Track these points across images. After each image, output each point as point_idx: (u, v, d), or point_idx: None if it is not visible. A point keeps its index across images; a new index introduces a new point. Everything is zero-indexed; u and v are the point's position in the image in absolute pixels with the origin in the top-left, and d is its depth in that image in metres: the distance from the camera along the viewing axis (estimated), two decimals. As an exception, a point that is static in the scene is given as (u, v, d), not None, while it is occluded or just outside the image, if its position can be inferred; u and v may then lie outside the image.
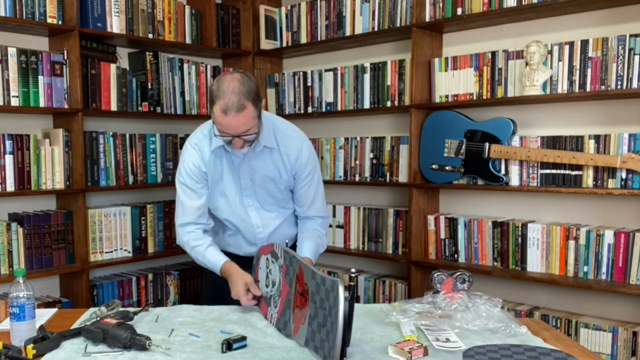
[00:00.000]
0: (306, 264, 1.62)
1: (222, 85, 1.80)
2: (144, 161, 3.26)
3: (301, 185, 2.09)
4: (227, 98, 1.78)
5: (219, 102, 1.79)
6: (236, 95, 1.78)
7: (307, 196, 2.12)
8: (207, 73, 3.51)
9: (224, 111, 1.78)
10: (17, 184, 2.78)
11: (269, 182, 2.05)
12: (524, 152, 2.70)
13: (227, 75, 1.84)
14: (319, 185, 2.15)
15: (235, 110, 1.78)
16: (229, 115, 1.78)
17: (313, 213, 2.16)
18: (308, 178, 2.09)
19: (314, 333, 1.51)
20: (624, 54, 2.44)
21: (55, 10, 2.84)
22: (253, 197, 2.06)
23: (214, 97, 1.81)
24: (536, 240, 2.71)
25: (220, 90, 1.79)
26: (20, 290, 1.58)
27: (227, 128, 1.82)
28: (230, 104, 1.77)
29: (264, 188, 2.06)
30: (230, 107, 1.78)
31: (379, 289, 3.24)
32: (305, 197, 2.12)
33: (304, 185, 2.09)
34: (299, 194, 2.11)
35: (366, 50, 3.45)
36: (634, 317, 2.55)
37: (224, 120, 1.80)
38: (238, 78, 1.82)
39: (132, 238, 3.23)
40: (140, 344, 1.52)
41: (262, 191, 2.06)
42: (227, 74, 1.86)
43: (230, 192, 2.04)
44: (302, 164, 2.05)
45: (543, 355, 1.48)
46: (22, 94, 2.75)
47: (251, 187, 2.04)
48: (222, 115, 1.79)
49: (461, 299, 1.81)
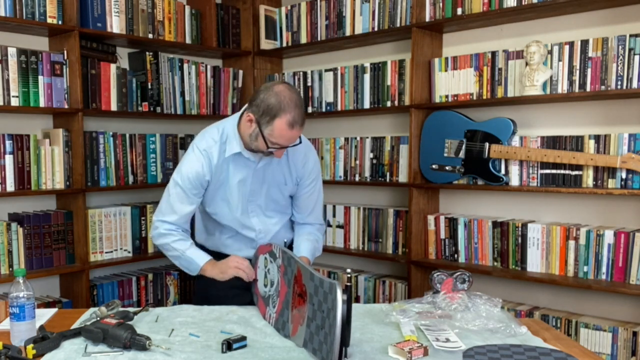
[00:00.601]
0: (305, 265, 1.62)
1: (283, 98, 1.77)
2: (144, 161, 3.26)
3: (304, 192, 2.09)
4: (294, 112, 1.77)
5: (285, 115, 1.76)
6: (300, 109, 1.79)
7: (308, 203, 2.12)
8: (207, 73, 3.51)
9: (290, 125, 1.77)
10: (17, 184, 2.78)
11: (275, 188, 2.04)
12: (524, 152, 2.70)
13: (280, 86, 1.81)
14: (320, 194, 2.15)
15: (300, 124, 1.79)
16: (294, 129, 1.78)
17: (312, 220, 2.16)
18: (311, 185, 2.09)
19: (312, 335, 1.51)
20: (624, 54, 2.44)
21: (55, 10, 2.84)
22: (256, 203, 2.05)
23: (275, 110, 1.77)
24: (536, 240, 2.71)
25: (284, 103, 1.77)
26: (20, 290, 1.58)
27: (288, 140, 1.81)
28: (298, 118, 1.77)
29: (269, 194, 2.05)
30: (297, 121, 1.77)
31: (379, 289, 3.24)
32: (306, 204, 2.12)
33: (307, 192, 2.09)
34: (301, 201, 2.11)
35: (366, 50, 3.45)
36: (634, 317, 2.55)
37: (288, 134, 1.79)
38: (294, 90, 1.82)
39: (132, 238, 3.23)
40: (140, 344, 1.52)
41: (267, 197, 2.05)
42: (274, 85, 1.82)
43: (233, 198, 2.02)
44: (308, 170, 2.05)
45: (543, 355, 1.48)
46: (22, 94, 2.75)
47: (258, 193, 2.03)
48: (288, 129, 1.78)
49: (461, 299, 1.81)
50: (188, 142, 3.48)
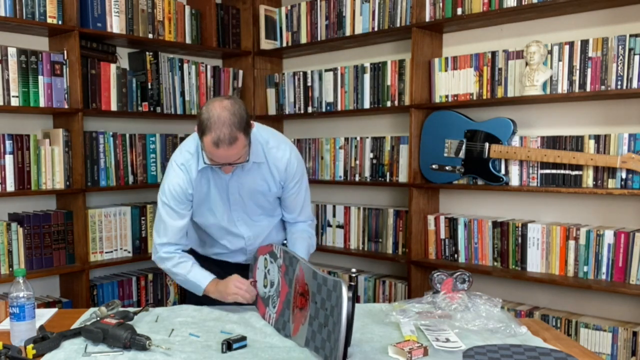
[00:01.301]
0: (307, 264, 1.62)
1: (212, 116, 1.72)
2: (144, 161, 3.26)
3: (290, 194, 2.07)
4: (219, 130, 1.71)
5: (210, 134, 1.72)
6: (228, 127, 1.71)
7: (296, 203, 2.10)
8: (207, 73, 3.51)
9: (215, 144, 1.72)
10: (17, 184, 2.78)
11: (258, 195, 2.02)
12: (524, 152, 2.70)
13: (216, 103, 1.76)
14: (307, 191, 2.13)
15: (227, 144, 1.72)
16: (220, 148, 1.73)
17: (302, 218, 2.15)
18: (297, 186, 2.06)
19: (314, 333, 1.51)
20: (624, 54, 2.44)
21: (55, 10, 2.84)
22: (242, 211, 2.03)
23: (204, 128, 1.73)
24: (536, 240, 2.71)
25: (211, 121, 1.72)
26: (20, 290, 1.58)
27: (219, 159, 1.78)
28: (223, 137, 1.71)
29: (253, 201, 2.03)
30: (222, 140, 1.71)
31: (379, 289, 3.24)
32: (294, 205, 2.10)
33: (292, 193, 2.07)
34: (289, 202, 2.09)
35: (366, 50, 3.45)
36: (634, 317, 2.55)
37: (215, 152, 1.75)
38: (228, 107, 1.74)
39: (132, 238, 3.23)
40: (140, 344, 1.52)
41: (251, 204, 2.03)
42: (215, 100, 1.78)
43: (218, 208, 2.00)
44: (291, 173, 2.02)
45: (543, 355, 1.48)
46: (22, 94, 2.75)
47: (240, 202, 2.01)
48: (214, 148, 1.73)
49: (461, 299, 1.81)
50: (188, 142, 3.48)
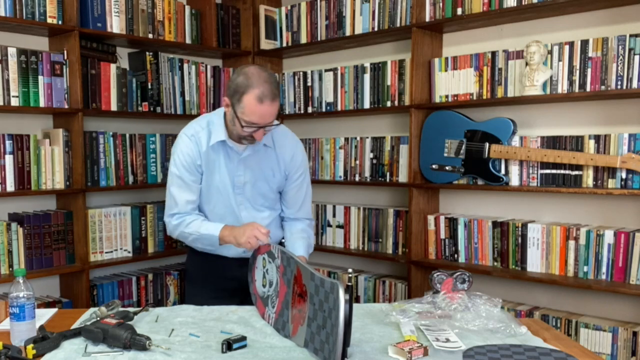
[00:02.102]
0: (305, 265, 1.62)
1: (252, 75, 1.80)
2: (144, 161, 3.26)
3: (293, 186, 2.09)
4: (262, 86, 1.78)
5: (253, 90, 1.78)
6: (270, 85, 1.79)
7: (297, 198, 2.12)
8: (207, 73, 3.51)
9: (259, 99, 1.77)
10: (17, 184, 2.78)
11: (262, 181, 2.04)
12: (524, 152, 2.70)
13: (251, 67, 1.84)
14: (308, 188, 2.16)
15: (270, 99, 1.79)
16: (264, 103, 1.78)
17: (302, 215, 2.17)
18: (299, 180, 2.09)
19: (313, 335, 1.51)
20: (624, 54, 2.44)
21: (55, 10, 2.84)
22: (244, 195, 2.05)
23: (244, 87, 1.79)
24: (536, 240, 2.71)
25: (253, 79, 1.79)
26: (20, 290, 1.58)
27: (260, 117, 1.81)
28: (267, 92, 1.78)
29: (256, 187, 2.05)
30: (266, 95, 1.78)
31: (379, 289, 3.24)
32: (295, 199, 2.12)
33: (295, 186, 2.09)
34: (290, 195, 2.11)
35: (366, 50, 3.45)
36: (634, 317, 2.55)
37: (258, 109, 1.79)
38: (264, 69, 1.84)
39: (132, 238, 3.23)
40: (140, 344, 1.52)
41: (254, 190, 2.05)
42: (247, 66, 1.86)
43: (224, 187, 2.02)
44: (296, 164, 2.06)
45: (543, 355, 1.48)
46: (22, 94, 2.75)
47: (244, 186, 2.03)
48: (257, 104, 1.78)
49: (461, 299, 1.81)
50: (188, 142, 3.48)
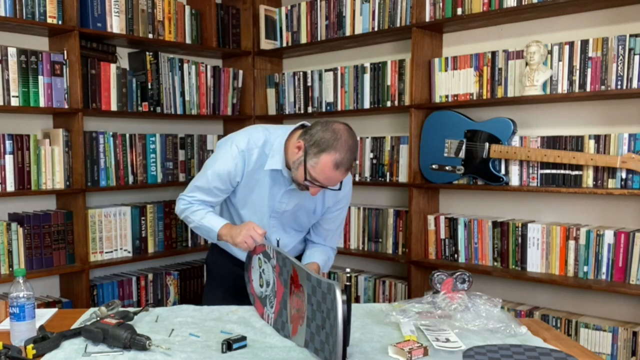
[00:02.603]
0: (300, 265, 1.61)
1: (340, 137, 1.73)
2: (144, 161, 3.26)
3: (330, 217, 2.04)
4: (345, 154, 1.73)
5: (334, 154, 1.72)
6: (351, 154, 1.75)
7: (329, 228, 2.07)
8: (207, 73, 3.51)
9: (336, 165, 1.73)
10: (17, 184, 2.78)
11: (303, 212, 2.00)
12: (524, 152, 2.70)
13: (341, 126, 1.77)
14: (342, 221, 2.11)
15: (345, 168, 1.75)
16: (339, 171, 1.74)
17: (328, 244, 2.12)
18: (338, 212, 2.04)
19: (312, 335, 1.51)
20: (624, 54, 2.44)
21: (55, 10, 2.84)
22: (278, 220, 2.01)
23: (327, 145, 1.73)
24: (536, 240, 2.71)
25: (338, 142, 1.73)
26: (20, 290, 1.58)
27: (327, 180, 1.77)
28: (345, 161, 1.73)
29: (295, 216, 2.01)
30: (343, 164, 1.73)
31: (379, 289, 3.24)
32: (327, 230, 2.08)
33: (332, 217, 2.04)
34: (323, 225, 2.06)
35: (366, 50, 3.45)
36: (634, 317, 2.55)
37: (331, 174, 1.74)
38: (353, 135, 1.78)
39: (132, 238, 3.23)
40: (140, 344, 1.52)
41: (291, 218, 2.01)
42: (338, 123, 1.79)
43: (259, 208, 1.98)
44: (341, 199, 2.01)
45: (543, 355, 1.48)
46: (22, 94, 2.75)
47: (281, 213, 1.99)
48: (332, 168, 1.73)
49: (461, 299, 1.81)
50: (188, 142, 3.48)
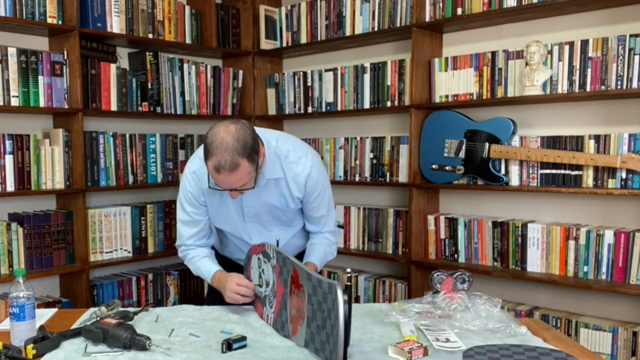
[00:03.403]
0: (300, 265, 1.61)
1: (215, 140, 1.70)
2: (144, 161, 3.26)
3: (311, 207, 2.03)
4: (220, 156, 1.68)
5: (212, 159, 1.70)
6: (229, 153, 1.68)
7: (319, 217, 2.07)
8: (207, 73, 3.51)
9: (216, 169, 1.70)
10: (17, 184, 2.78)
11: (274, 209, 1.99)
12: (524, 152, 2.70)
13: (221, 127, 1.73)
14: (330, 203, 2.09)
15: (228, 170, 1.69)
16: (221, 174, 1.71)
17: (326, 229, 2.12)
18: (317, 200, 2.02)
19: (313, 335, 1.51)
20: (624, 54, 2.44)
21: (55, 10, 2.84)
22: (257, 222, 2.01)
23: (207, 152, 1.72)
24: (536, 240, 2.71)
25: (213, 146, 1.69)
26: (20, 290, 1.58)
27: (221, 184, 1.76)
28: (223, 162, 1.68)
29: (270, 214, 2.00)
30: (223, 166, 1.69)
31: (379, 289, 3.24)
32: (317, 218, 2.07)
33: (314, 207, 2.03)
34: (310, 215, 2.05)
35: (366, 50, 3.45)
36: (634, 317, 2.55)
37: (217, 178, 1.73)
38: (232, 132, 1.70)
39: (132, 238, 3.23)
40: (140, 344, 1.52)
41: (268, 216, 2.01)
42: (222, 124, 1.74)
43: (232, 219, 2.00)
44: (311, 188, 1.98)
45: (543, 355, 1.48)
46: (22, 94, 2.75)
47: (255, 215, 1.99)
48: (215, 173, 1.72)
49: (461, 299, 1.81)
50: (188, 142, 3.49)
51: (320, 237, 2.11)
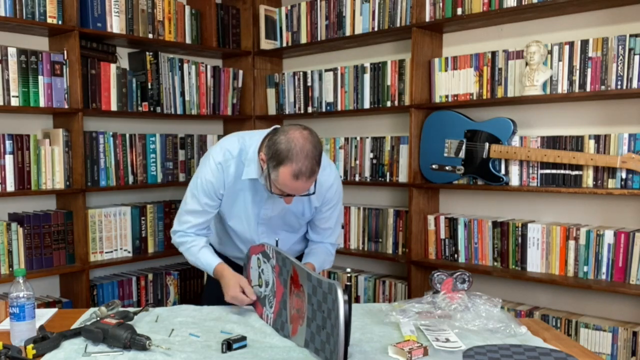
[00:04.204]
0: (300, 265, 1.61)
1: (294, 146, 1.66)
2: (144, 161, 3.26)
3: (322, 217, 2.02)
4: (302, 163, 1.66)
5: (291, 165, 1.66)
6: (310, 161, 1.67)
7: (326, 228, 2.06)
8: (207, 73, 3.51)
9: (295, 176, 1.67)
10: (17, 184, 2.78)
11: (291, 216, 1.99)
12: (524, 152, 2.70)
13: (297, 133, 1.69)
14: (340, 216, 2.08)
15: (307, 177, 1.68)
16: (299, 181, 1.68)
17: (328, 241, 2.11)
18: (330, 211, 2.02)
19: (313, 335, 1.51)
20: (624, 54, 2.44)
21: (55, 10, 2.84)
22: (267, 225, 2.00)
23: (282, 157, 1.67)
24: (536, 240, 2.71)
25: (293, 152, 1.65)
26: (20, 290, 1.58)
27: (293, 190, 1.73)
28: (305, 170, 1.66)
29: (282, 220, 1.99)
30: (303, 173, 1.66)
31: (379, 289, 3.24)
32: (324, 229, 2.06)
33: (324, 217, 2.03)
34: (318, 225, 2.05)
35: (366, 50, 3.45)
36: (634, 317, 2.55)
37: (292, 184, 1.69)
38: (310, 139, 1.69)
39: (132, 238, 3.23)
40: (140, 344, 1.52)
41: (280, 222, 2.00)
42: (295, 129, 1.71)
43: (245, 217, 1.98)
44: (330, 198, 1.98)
45: (543, 355, 1.48)
46: (22, 94, 2.75)
47: (269, 219, 1.98)
48: (292, 180, 1.68)
49: (461, 299, 1.81)
50: (188, 142, 3.49)
51: (321, 245, 2.11)
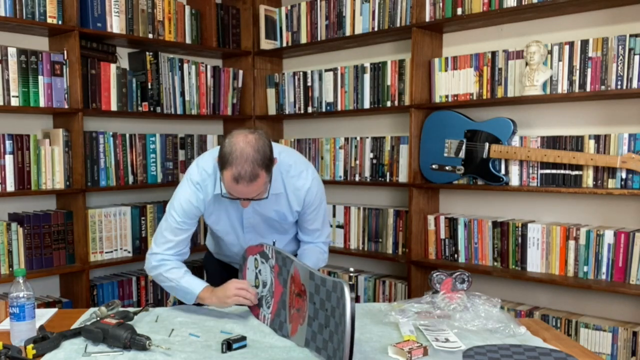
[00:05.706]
0: (302, 265, 1.61)
1: (235, 150, 1.67)
2: (144, 161, 3.26)
3: (307, 219, 2.03)
4: (240, 166, 1.66)
5: (231, 169, 1.67)
6: (250, 164, 1.66)
7: (313, 228, 2.07)
8: (207, 73, 3.51)
9: (235, 179, 1.68)
10: (17, 184, 2.78)
11: (272, 221, 2.00)
12: (524, 152, 2.70)
13: (240, 137, 1.70)
14: (324, 215, 2.09)
15: (247, 180, 1.68)
16: (240, 184, 1.69)
17: (319, 240, 2.12)
18: (314, 213, 2.03)
19: (314, 334, 1.51)
20: (624, 54, 2.44)
21: (55, 10, 2.84)
22: (254, 232, 2.01)
23: (224, 161, 1.68)
24: (536, 240, 2.71)
25: (233, 156, 1.67)
26: (20, 290, 1.58)
27: (237, 194, 1.74)
28: (244, 173, 1.66)
29: (267, 224, 2.01)
30: (243, 177, 1.67)
31: (379, 289, 3.24)
32: (311, 230, 2.07)
33: (309, 219, 2.04)
34: (305, 227, 2.06)
35: (366, 50, 3.45)
36: (634, 317, 2.55)
37: (234, 188, 1.71)
38: (252, 143, 1.69)
39: (132, 238, 3.23)
40: (140, 344, 1.52)
41: (265, 227, 2.01)
42: (240, 133, 1.72)
43: (232, 227, 2.00)
44: (310, 202, 1.98)
45: (543, 355, 1.48)
46: (22, 94, 2.75)
47: (253, 226, 2.00)
48: (233, 183, 1.69)
49: (460, 299, 1.81)
50: (188, 142, 3.49)
51: (312, 245, 2.11)
